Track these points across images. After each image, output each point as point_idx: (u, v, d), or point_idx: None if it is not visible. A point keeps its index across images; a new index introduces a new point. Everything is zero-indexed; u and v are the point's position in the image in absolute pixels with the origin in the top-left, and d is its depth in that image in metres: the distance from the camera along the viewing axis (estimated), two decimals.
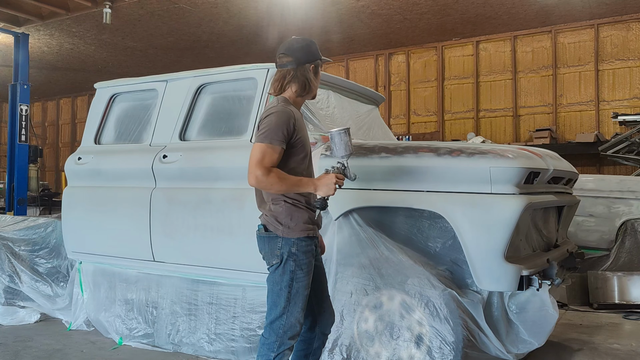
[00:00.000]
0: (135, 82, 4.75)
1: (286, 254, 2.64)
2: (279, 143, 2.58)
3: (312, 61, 2.78)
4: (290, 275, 2.63)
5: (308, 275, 2.68)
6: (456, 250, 3.26)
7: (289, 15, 9.42)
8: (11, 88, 8.99)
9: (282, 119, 2.61)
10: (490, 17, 9.63)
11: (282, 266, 2.64)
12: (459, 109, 10.97)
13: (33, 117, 16.70)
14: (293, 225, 2.65)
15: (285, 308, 2.63)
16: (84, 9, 9.45)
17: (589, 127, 9.74)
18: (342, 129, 2.69)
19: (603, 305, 5.50)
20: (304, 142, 2.73)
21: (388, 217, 3.48)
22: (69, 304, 5.02)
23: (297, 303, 2.64)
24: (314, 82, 2.80)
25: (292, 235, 2.64)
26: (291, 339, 2.65)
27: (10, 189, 8.86)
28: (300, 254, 2.64)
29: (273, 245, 2.67)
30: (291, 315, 2.63)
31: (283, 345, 2.63)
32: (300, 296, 2.64)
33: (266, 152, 2.57)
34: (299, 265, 2.64)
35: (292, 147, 2.67)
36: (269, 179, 2.54)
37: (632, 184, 6.11)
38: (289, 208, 2.67)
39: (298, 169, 2.70)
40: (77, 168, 4.81)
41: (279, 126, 2.59)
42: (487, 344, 3.16)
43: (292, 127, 2.63)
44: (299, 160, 2.71)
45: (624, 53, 9.55)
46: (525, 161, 3.18)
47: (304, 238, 2.66)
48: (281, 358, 2.63)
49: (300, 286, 2.64)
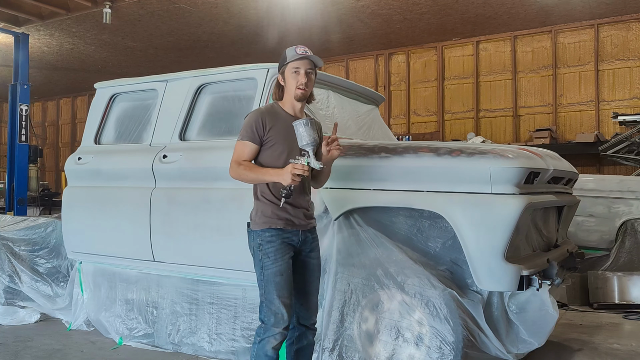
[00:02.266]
0: (135, 82, 4.75)
1: (256, 245, 2.89)
2: (248, 139, 2.89)
3: (279, 70, 3.03)
4: (260, 264, 2.86)
5: (276, 263, 2.84)
6: (456, 250, 3.26)
7: (289, 15, 9.42)
8: (11, 88, 8.98)
9: (252, 118, 2.93)
10: (490, 17, 9.63)
11: (254, 257, 2.91)
12: (459, 109, 10.98)
13: (33, 117, 16.69)
14: (257, 218, 2.90)
15: (262, 296, 2.85)
16: (84, 9, 9.45)
17: (589, 127, 9.74)
18: (303, 120, 2.78)
19: (603, 305, 5.50)
20: (280, 139, 2.91)
21: (388, 217, 3.48)
22: (69, 304, 5.02)
23: (270, 291, 2.82)
24: (285, 85, 2.98)
25: (257, 227, 2.89)
26: (274, 327, 2.80)
27: (10, 189, 8.85)
28: (265, 243, 2.85)
29: (250, 239, 2.95)
30: (270, 303, 2.82)
31: (268, 332, 2.81)
32: (272, 283, 2.82)
33: (238, 148, 2.92)
34: (265, 254, 2.85)
35: (266, 143, 2.91)
36: (238, 170, 2.87)
37: (632, 184, 6.11)
38: (258, 204, 2.94)
39: (274, 165, 2.88)
40: (77, 168, 4.81)
41: (250, 124, 2.91)
42: (487, 344, 3.16)
43: (261, 124, 2.88)
44: (274, 157, 2.90)
45: (624, 53, 9.55)
46: (525, 161, 3.18)
47: (267, 229, 2.86)
48: (265, 344, 2.80)
49: (270, 273, 2.82)
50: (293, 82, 2.94)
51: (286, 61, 2.95)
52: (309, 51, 2.98)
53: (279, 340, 2.82)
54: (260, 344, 2.82)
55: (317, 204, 3.56)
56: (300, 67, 2.93)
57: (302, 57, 2.93)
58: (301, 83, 2.93)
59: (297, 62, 2.93)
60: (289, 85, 2.96)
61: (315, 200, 3.56)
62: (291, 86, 2.95)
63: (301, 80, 2.93)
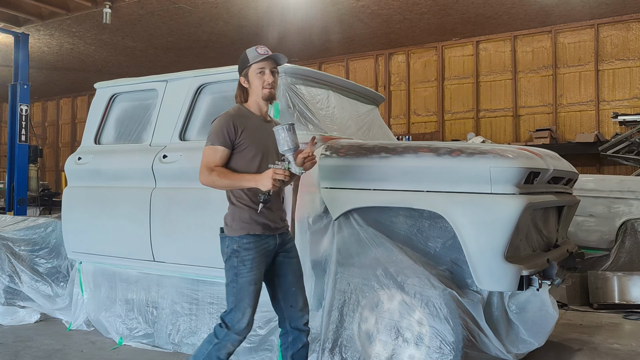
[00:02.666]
0: (135, 82, 4.75)
1: (230, 251, 2.84)
2: (219, 144, 2.83)
3: (241, 72, 2.99)
4: (234, 271, 2.81)
5: (252, 272, 2.81)
6: (456, 250, 3.26)
7: (289, 15, 9.42)
8: (11, 88, 8.99)
9: (221, 122, 2.88)
10: (490, 17, 9.63)
11: (228, 263, 2.85)
12: (459, 109, 10.98)
13: (33, 117, 16.70)
14: (235, 224, 2.86)
15: (233, 303, 2.81)
16: (84, 9, 9.45)
17: (589, 127, 9.74)
18: (284, 125, 2.75)
19: (603, 305, 5.50)
20: (253, 142, 2.88)
21: (388, 217, 3.48)
22: (69, 304, 5.01)
23: (242, 299, 2.79)
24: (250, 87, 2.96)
25: (234, 233, 2.85)
26: (237, 334, 2.79)
27: (10, 189, 8.85)
28: (242, 250, 2.81)
29: (223, 245, 2.90)
30: (238, 311, 2.79)
31: (227, 337, 2.79)
32: (245, 292, 2.79)
33: (208, 154, 2.85)
34: (241, 261, 2.81)
35: (238, 147, 2.87)
36: (210, 177, 2.81)
37: (632, 184, 6.11)
38: (234, 209, 2.89)
39: (247, 168, 2.86)
40: (77, 168, 4.81)
41: (219, 128, 2.86)
42: (487, 344, 3.16)
43: (232, 128, 2.84)
44: (247, 160, 2.87)
45: (624, 53, 9.55)
46: (525, 161, 3.18)
47: (245, 236, 2.83)
48: (221, 348, 2.80)
49: (244, 282, 2.80)
50: (259, 82, 2.93)
51: (249, 63, 2.93)
52: (269, 51, 2.97)
53: (236, 347, 2.83)
54: (217, 346, 2.79)
55: (317, 204, 3.56)
56: (265, 67, 2.92)
57: (265, 56, 2.91)
58: (268, 82, 2.92)
59: (262, 62, 2.92)
60: (254, 86, 2.94)
61: (315, 200, 3.57)
62: (257, 87, 2.93)
63: (268, 79, 2.92)
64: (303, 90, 4.10)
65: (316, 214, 3.55)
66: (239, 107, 3.00)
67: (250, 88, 2.96)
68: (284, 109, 3.89)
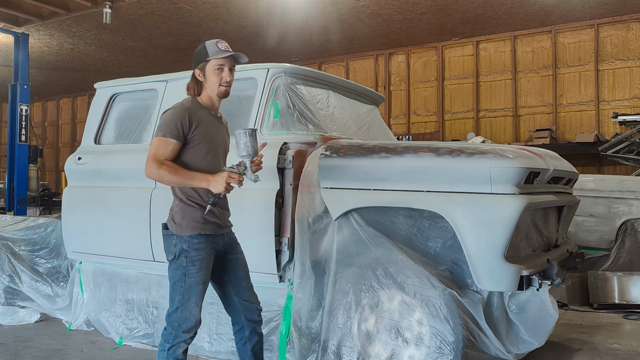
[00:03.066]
0: (135, 82, 4.75)
1: (179, 251, 2.78)
2: (172, 136, 2.73)
3: (197, 64, 2.91)
4: (183, 270, 2.78)
5: (201, 272, 2.80)
6: (456, 250, 3.26)
7: (289, 15, 9.42)
8: (11, 88, 8.98)
9: (176, 114, 2.78)
10: (490, 17, 9.63)
11: (175, 262, 2.80)
12: (459, 109, 10.98)
13: (33, 117, 16.71)
14: (185, 223, 2.79)
15: (179, 302, 2.78)
16: (84, 9, 9.45)
17: (589, 127, 9.74)
18: (246, 130, 2.70)
19: (603, 305, 5.50)
20: (206, 138, 2.83)
21: (388, 217, 3.48)
22: (69, 304, 5.01)
23: (190, 298, 2.78)
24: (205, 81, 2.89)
25: (183, 233, 2.78)
26: (186, 332, 2.79)
27: (10, 189, 8.85)
28: (192, 250, 2.77)
29: (169, 243, 2.83)
30: (185, 309, 2.77)
31: (178, 338, 2.78)
32: (193, 291, 2.78)
33: (159, 146, 2.74)
34: (190, 261, 2.77)
35: (190, 142, 2.79)
36: (159, 171, 2.71)
37: (632, 184, 6.11)
38: (183, 207, 2.82)
39: (198, 165, 2.80)
40: (77, 168, 4.81)
41: (173, 120, 2.75)
42: (487, 344, 3.16)
43: (187, 121, 2.76)
44: (200, 156, 2.82)
45: (624, 53, 9.55)
46: (525, 161, 3.17)
47: (195, 236, 2.78)
48: (176, 350, 2.78)
49: (193, 282, 2.78)
50: (216, 79, 2.86)
51: (208, 57, 2.86)
52: (229, 48, 2.91)
53: (189, 344, 2.83)
54: (171, 350, 2.78)
55: (317, 204, 3.56)
56: (225, 64, 2.87)
57: (226, 53, 2.86)
58: (225, 81, 2.88)
59: (222, 59, 2.86)
60: (210, 82, 2.87)
61: (315, 200, 3.57)
62: (213, 83, 2.87)
63: (226, 77, 2.88)
64: (303, 90, 4.10)
65: (316, 214, 3.55)
66: (192, 100, 2.91)
67: (206, 83, 2.88)
68: (284, 109, 3.88)
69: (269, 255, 3.61)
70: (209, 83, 2.89)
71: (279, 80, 3.96)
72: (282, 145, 3.67)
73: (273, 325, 3.73)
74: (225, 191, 2.70)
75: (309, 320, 3.56)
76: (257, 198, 3.65)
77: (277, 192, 3.61)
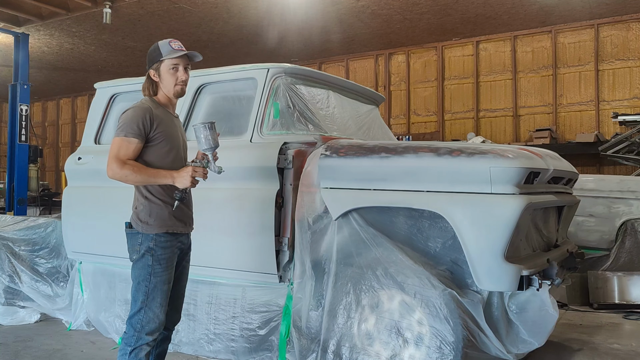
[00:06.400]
0: (135, 82, 4.75)
1: (144, 249, 2.76)
2: (134, 136, 2.73)
3: (152, 65, 2.91)
4: (148, 270, 2.75)
5: (167, 271, 2.78)
6: (456, 250, 3.26)
7: (289, 15, 9.42)
8: (11, 88, 8.99)
9: (137, 113, 2.77)
10: (490, 17, 9.63)
11: (140, 261, 2.77)
12: (459, 109, 10.98)
13: (33, 117, 16.71)
14: (152, 221, 2.78)
15: (143, 302, 2.75)
16: (84, 9, 9.45)
17: (589, 127, 9.74)
18: (205, 123, 2.73)
19: (603, 305, 5.50)
20: (167, 136, 2.85)
21: (388, 217, 3.48)
22: (69, 304, 5.01)
23: (155, 298, 2.76)
24: (160, 81, 2.89)
25: (150, 231, 2.77)
26: (149, 335, 2.76)
27: (10, 189, 8.86)
28: (158, 249, 2.76)
29: (134, 241, 2.80)
30: (149, 310, 2.75)
31: (141, 340, 2.75)
32: (158, 291, 2.76)
33: (121, 146, 2.73)
34: (157, 260, 2.76)
35: (152, 140, 2.80)
36: (123, 171, 2.69)
37: (632, 184, 6.11)
38: (149, 205, 2.80)
39: (161, 163, 2.82)
40: (77, 168, 4.81)
41: (134, 120, 2.75)
42: (487, 344, 3.16)
43: (148, 120, 2.76)
44: (162, 155, 2.83)
45: (624, 53, 9.55)
46: (525, 161, 3.17)
47: (163, 234, 2.78)
48: (138, 352, 2.75)
49: (159, 281, 2.76)
50: (171, 78, 2.87)
51: (162, 57, 2.86)
52: (183, 47, 2.92)
53: (152, 346, 2.80)
54: (133, 353, 2.74)
55: (317, 204, 3.56)
56: (179, 63, 2.88)
57: (180, 53, 2.86)
58: (181, 80, 2.89)
59: (176, 58, 2.87)
60: (166, 82, 2.88)
61: (315, 200, 3.57)
62: (169, 83, 2.88)
63: (181, 77, 2.89)
64: (303, 90, 4.10)
65: (316, 214, 3.55)
66: (150, 99, 2.91)
67: (162, 83, 2.90)
68: (284, 109, 3.89)
69: (269, 255, 3.61)
70: (164, 83, 2.90)
71: (279, 80, 3.97)
72: (282, 145, 3.67)
73: (273, 325, 3.73)
74: (192, 185, 2.72)
75: (309, 320, 3.56)
76: (257, 198, 3.65)
77: (277, 192, 3.62)
